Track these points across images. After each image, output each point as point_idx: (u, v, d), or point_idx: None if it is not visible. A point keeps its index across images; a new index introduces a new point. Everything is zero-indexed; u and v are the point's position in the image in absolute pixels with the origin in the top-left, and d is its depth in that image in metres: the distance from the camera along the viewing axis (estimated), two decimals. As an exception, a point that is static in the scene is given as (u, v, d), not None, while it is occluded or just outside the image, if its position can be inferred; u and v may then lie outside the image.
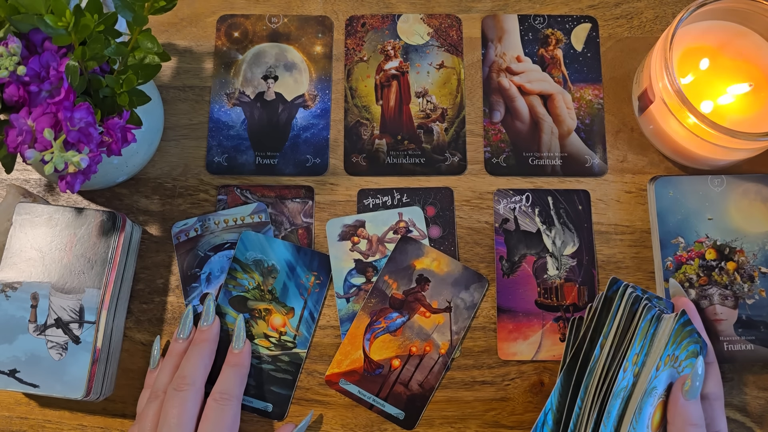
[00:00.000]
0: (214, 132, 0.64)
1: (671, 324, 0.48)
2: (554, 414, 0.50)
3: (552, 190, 0.62)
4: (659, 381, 0.48)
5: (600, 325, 0.51)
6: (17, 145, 0.46)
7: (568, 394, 0.50)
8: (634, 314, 0.49)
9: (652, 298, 0.52)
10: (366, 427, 0.58)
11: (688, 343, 0.49)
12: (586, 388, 0.49)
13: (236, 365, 0.56)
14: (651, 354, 0.48)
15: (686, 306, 0.54)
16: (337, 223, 0.61)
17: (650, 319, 0.49)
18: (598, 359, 0.49)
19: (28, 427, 0.57)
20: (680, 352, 0.49)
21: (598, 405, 0.48)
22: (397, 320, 0.59)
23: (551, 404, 0.50)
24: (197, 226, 0.61)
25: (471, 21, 0.67)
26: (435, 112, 0.65)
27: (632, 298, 0.50)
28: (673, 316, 0.48)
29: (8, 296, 0.54)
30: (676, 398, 0.48)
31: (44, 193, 0.63)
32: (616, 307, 0.50)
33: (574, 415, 0.49)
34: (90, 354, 0.54)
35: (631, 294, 0.50)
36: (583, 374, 0.50)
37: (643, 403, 0.47)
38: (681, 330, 0.48)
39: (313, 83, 0.66)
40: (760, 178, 0.61)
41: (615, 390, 0.47)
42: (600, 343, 0.50)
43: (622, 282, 0.51)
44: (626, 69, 0.66)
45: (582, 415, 0.48)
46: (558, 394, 0.50)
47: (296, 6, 0.68)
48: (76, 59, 0.47)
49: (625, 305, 0.50)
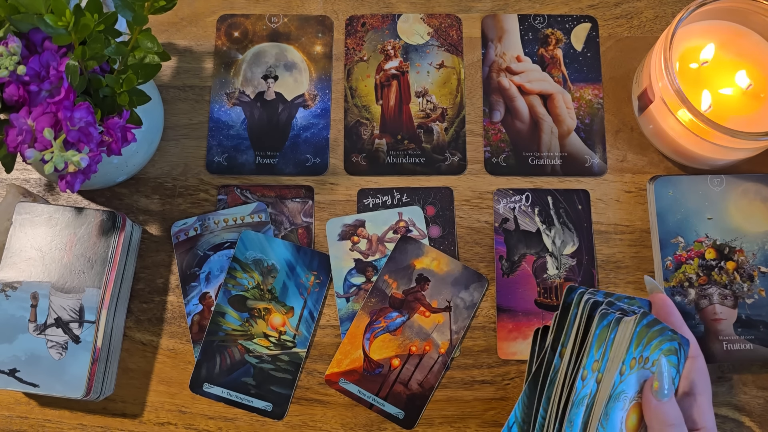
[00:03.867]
0: (214, 132, 0.64)
1: (632, 327, 0.47)
2: (520, 426, 0.50)
3: (552, 190, 0.62)
4: (627, 385, 0.47)
5: (560, 333, 0.50)
6: (17, 144, 0.46)
7: (533, 405, 0.50)
8: (591, 321, 0.49)
9: (620, 300, 0.51)
10: (366, 426, 0.58)
11: (661, 341, 0.48)
12: (549, 398, 0.49)
13: None
14: (612, 359, 0.47)
15: (663, 301, 0.53)
16: (337, 223, 0.62)
17: (607, 324, 0.48)
18: (558, 368, 0.49)
19: (28, 426, 0.58)
20: (651, 353, 0.48)
21: (560, 414, 0.48)
22: (397, 320, 0.59)
23: (515, 416, 0.50)
24: (197, 225, 0.61)
25: (471, 21, 0.67)
26: (435, 112, 0.65)
27: (590, 305, 0.49)
28: (634, 319, 0.47)
29: (8, 296, 0.54)
30: (648, 400, 0.47)
31: (44, 192, 0.63)
32: (573, 315, 0.49)
33: (538, 425, 0.48)
34: (90, 353, 0.54)
35: (588, 300, 0.49)
36: (545, 384, 0.49)
37: (609, 408, 0.47)
38: (646, 331, 0.47)
39: (313, 83, 0.66)
40: (760, 177, 0.61)
41: (575, 398, 0.47)
42: (559, 352, 0.49)
43: (579, 289, 0.51)
44: (626, 69, 0.66)
45: (546, 426, 0.48)
46: (523, 404, 0.50)
47: (296, 6, 0.68)
48: (76, 59, 0.47)
49: (582, 312, 0.49)
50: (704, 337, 0.58)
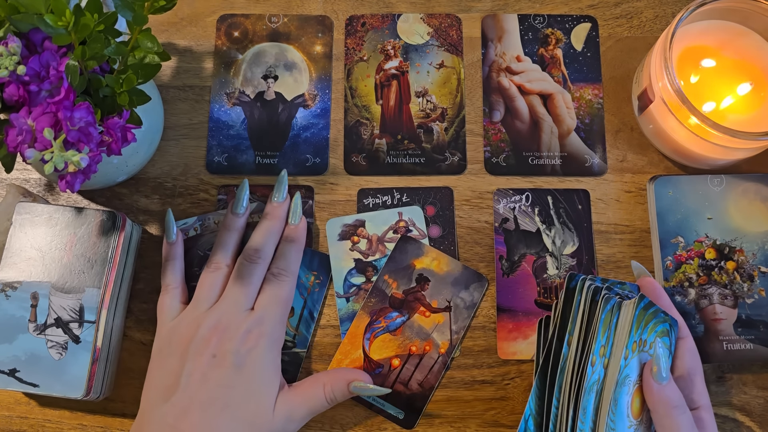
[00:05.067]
0: (214, 132, 0.64)
1: (632, 310, 0.47)
2: (535, 419, 0.50)
3: (552, 190, 0.62)
4: (631, 369, 0.47)
5: (565, 322, 0.50)
6: (17, 144, 0.46)
7: (545, 396, 0.50)
8: (595, 306, 0.49)
9: (614, 285, 0.51)
10: (366, 426, 0.58)
11: (655, 324, 0.48)
12: (560, 387, 0.49)
13: (293, 241, 0.57)
14: (617, 344, 0.48)
15: (651, 285, 0.53)
16: (336, 223, 0.62)
17: (611, 308, 0.48)
18: (567, 357, 0.49)
19: (28, 426, 0.58)
20: (648, 335, 0.48)
21: (573, 403, 0.48)
22: (397, 320, 0.59)
23: (530, 409, 0.50)
24: (197, 225, 0.61)
25: (471, 21, 0.67)
26: (435, 112, 0.65)
27: (592, 290, 0.49)
28: (633, 302, 0.48)
29: (8, 296, 0.54)
30: (649, 384, 0.47)
31: (44, 192, 0.63)
32: (577, 301, 0.50)
33: (552, 416, 0.49)
34: (90, 353, 0.54)
35: (590, 286, 0.50)
36: (556, 374, 0.50)
37: (617, 394, 0.47)
38: (644, 313, 0.48)
39: (313, 83, 0.66)
40: (760, 177, 0.61)
41: (586, 385, 0.47)
42: (567, 340, 0.50)
43: (580, 275, 0.51)
44: (626, 69, 0.66)
45: (560, 416, 0.48)
46: (536, 397, 0.50)
47: (296, 5, 0.68)
48: (76, 59, 0.47)
49: (585, 298, 0.49)
50: (704, 337, 0.58)
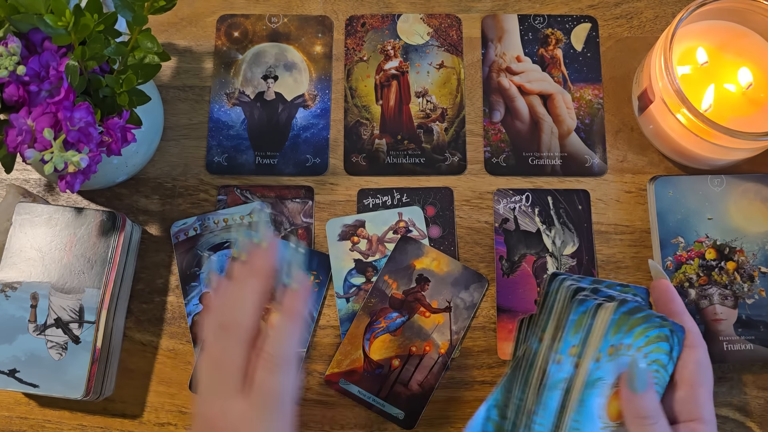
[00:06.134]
0: (214, 132, 0.64)
1: (609, 314, 0.47)
2: (499, 408, 0.50)
3: (552, 190, 0.62)
4: (605, 372, 0.47)
5: (541, 320, 0.51)
6: (17, 144, 0.46)
7: (513, 388, 0.50)
8: (570, 307, 0.49)
9: (613, 286, 0.51)
10: (366, 427, 0.58)
11: (646, 329, 0.48)
12: (527, 380, 0.49)
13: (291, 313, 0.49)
14: (589, 345, 0.48)
15: (664, 288, 0.52)
16: (336, 223, 0.61)
17: (586, 310, 0.48)
18: (537, 352, 0.49)
19: (28, 427, 0.57)
20: (634, 340, 0.48)
21: (536, 397, 0.48)
22: (397, 320, 0.59)
23: (495, 399, 0.50)
24: (197, 225, 0.61)
25: (471, 21, 0.67)
26: (435, 112, 0.65)
27: (571, 291, 0.49)
28: (612, 306, 0.47)
29: (8, 296, 0.54)
30: (623, 391, 0.47)
31: (44, 193, 0.63)
32: (552, 301, 0.50)
33: (515, 407, 0.49)
34: (90, 354, 0.54)
35: (570, 287, 0.49)
36: (525, 368, 0.50)
37: (584, 395, 0.47)
38: (626, 318, 0.47)
39: (313, 83, 0.66)
40: (760, 177, 0.61)
41: (548, 382, 0.47)
42: (539, 337, 0.50)
43: (561, 275, 0.51)
44: (626, 69, 0.66)
45: (522, 408, 0.48)
46: (504, 389, 0.50)
47: (296, 6, 0.68)
48: (76, 59, 0.47)
49: (564, 299, 0.49)
50: (704, 337, 0.57)
